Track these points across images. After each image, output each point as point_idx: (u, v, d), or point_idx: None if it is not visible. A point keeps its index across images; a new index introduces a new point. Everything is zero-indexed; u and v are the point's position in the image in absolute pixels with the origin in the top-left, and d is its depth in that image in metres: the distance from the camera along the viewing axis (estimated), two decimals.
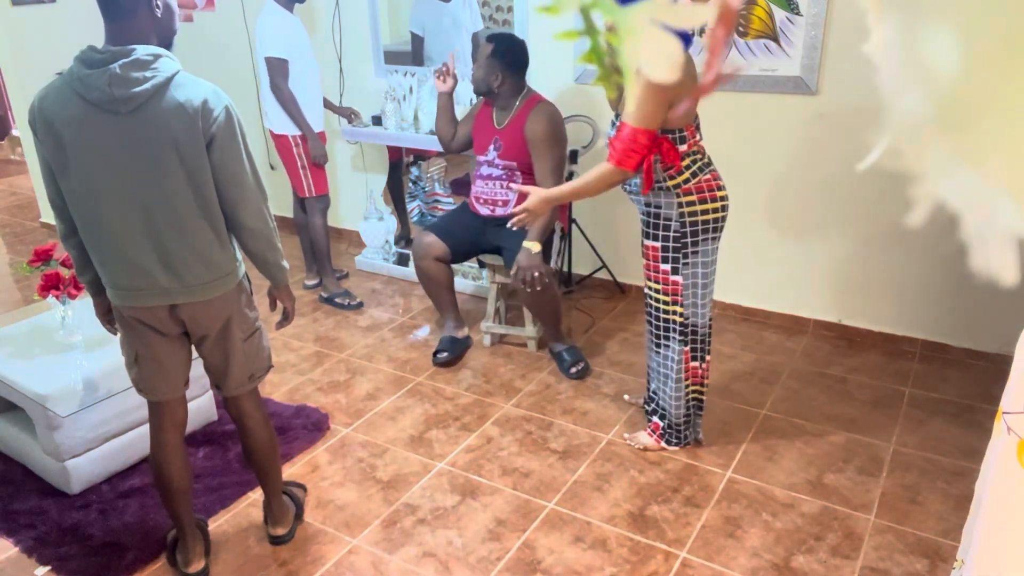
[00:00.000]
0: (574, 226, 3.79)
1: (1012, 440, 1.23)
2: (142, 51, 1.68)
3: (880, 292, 3.22)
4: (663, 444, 2.63)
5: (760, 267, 3.45)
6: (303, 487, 2.48)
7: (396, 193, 4.33)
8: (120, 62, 1.65)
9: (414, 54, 4.12)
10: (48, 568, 2.20)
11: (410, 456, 2.65)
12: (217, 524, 2.35)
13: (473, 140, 3.28)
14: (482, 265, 3.67)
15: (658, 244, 2.36)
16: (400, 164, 4.26)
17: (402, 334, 3.56)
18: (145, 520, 2.36)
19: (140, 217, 1.75)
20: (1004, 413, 1.26)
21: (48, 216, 5.34)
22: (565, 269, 3.87)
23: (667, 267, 2.38)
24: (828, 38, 2.97)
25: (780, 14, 3.02)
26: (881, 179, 2.84)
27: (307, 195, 3.78)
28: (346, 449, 2.70)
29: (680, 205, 2.29)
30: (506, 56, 3.04)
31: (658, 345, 2.52)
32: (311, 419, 2.84)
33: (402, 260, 4.23)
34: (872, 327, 3.29)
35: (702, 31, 3.15)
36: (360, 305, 3.86)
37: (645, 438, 2.66)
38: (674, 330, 2.46)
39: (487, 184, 3.22)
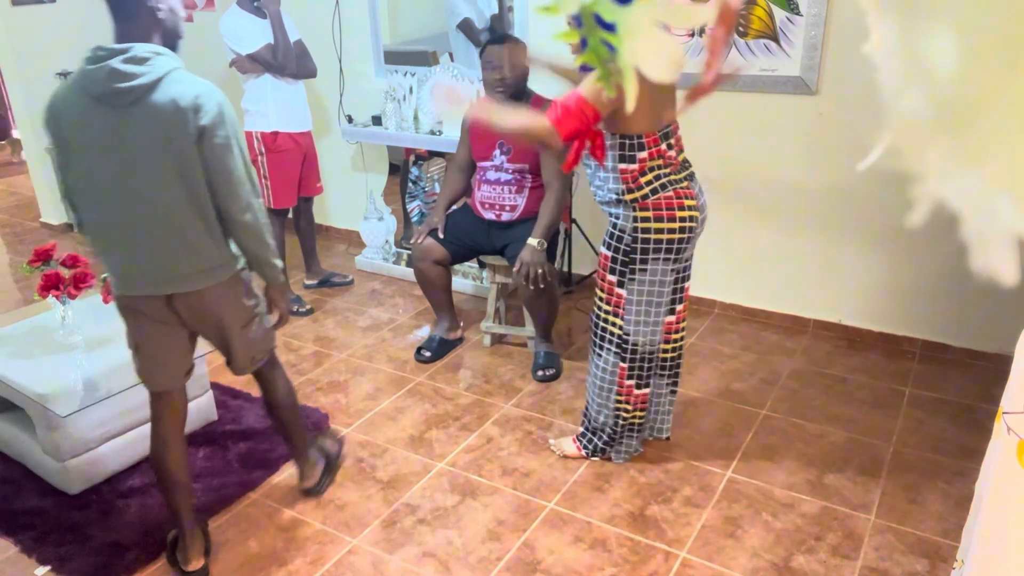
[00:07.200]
0: (574, 226, 3.80)
1: (1012, 440, 1.23)
2: (140, 48, 1.74)
3: (880, 292, 3.22)
4: (583, 452, 2.57)
5: (760, 267, 3.45)
6: (339, 441, 2.62)
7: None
8: (119, 57, 1.72)
9: (474, 42, 3.91)
10: (48, 568, 2.20)
11: (410, 456, 2.65)
12: (217, 524, 2.35)
13: (472, 147, 3.20)
14: (482, 265, 3.67)
15: (609, 254, 2.29)
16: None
17: (402, 334, 3.56)
18: (145, 520, 2.36)
19: (133, 208, 1.81)
20: (1004, 413, 1.27)
21: (48, 216, 5.34)
22: (565, 269, 3.87)
23: (613, 278, 2.30)
24: (828, 38, 2.97)
25: (780, 14, 3.01)
26: (881, 179, 2.84)
27: (266, 205, 3.64)
28: (346, 449, 2.70)
29: (635, 220, 2.20)
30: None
31: (595, 352, 2.45)
32: (311, 419, 2.83)
33: (409, 260, 4.19)
34: (872, 327, 3.29)
35: (702, 31, 3.16)
36: (311, 311, 3.79)
37: (568, 445, 2.60)
38: (611, 341, 2.38)
39: (494, 189, 3.15)
